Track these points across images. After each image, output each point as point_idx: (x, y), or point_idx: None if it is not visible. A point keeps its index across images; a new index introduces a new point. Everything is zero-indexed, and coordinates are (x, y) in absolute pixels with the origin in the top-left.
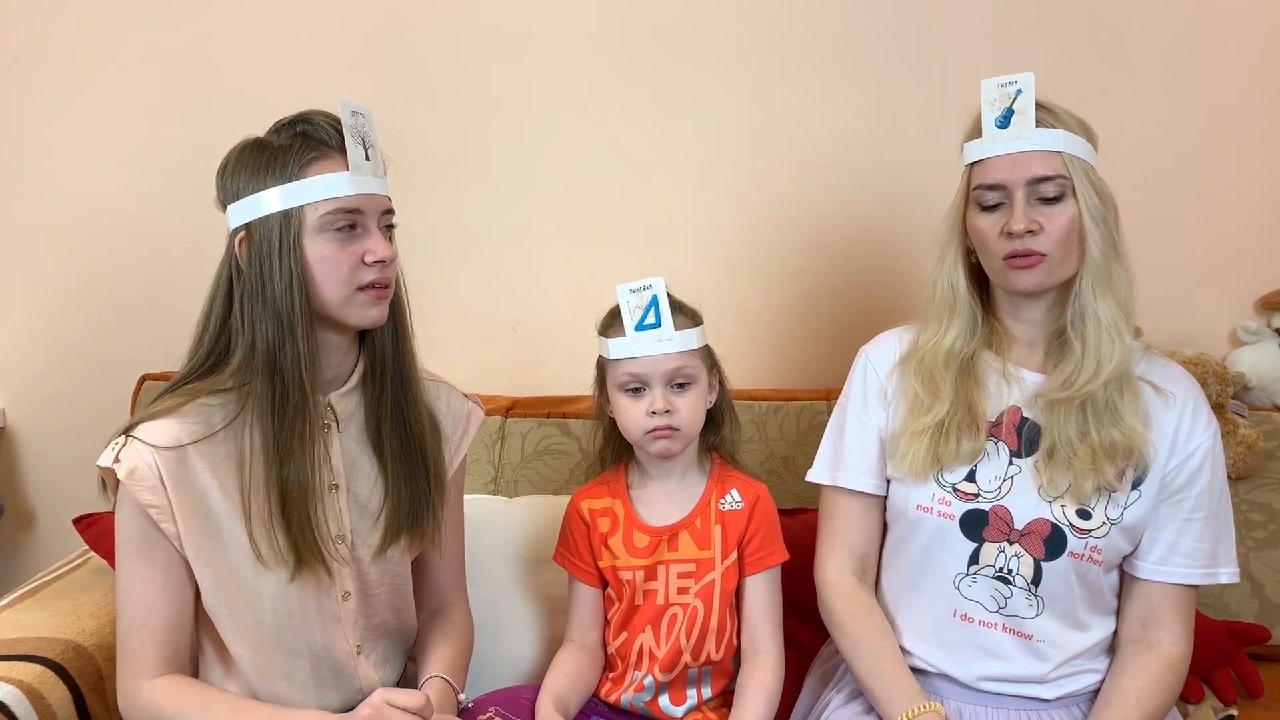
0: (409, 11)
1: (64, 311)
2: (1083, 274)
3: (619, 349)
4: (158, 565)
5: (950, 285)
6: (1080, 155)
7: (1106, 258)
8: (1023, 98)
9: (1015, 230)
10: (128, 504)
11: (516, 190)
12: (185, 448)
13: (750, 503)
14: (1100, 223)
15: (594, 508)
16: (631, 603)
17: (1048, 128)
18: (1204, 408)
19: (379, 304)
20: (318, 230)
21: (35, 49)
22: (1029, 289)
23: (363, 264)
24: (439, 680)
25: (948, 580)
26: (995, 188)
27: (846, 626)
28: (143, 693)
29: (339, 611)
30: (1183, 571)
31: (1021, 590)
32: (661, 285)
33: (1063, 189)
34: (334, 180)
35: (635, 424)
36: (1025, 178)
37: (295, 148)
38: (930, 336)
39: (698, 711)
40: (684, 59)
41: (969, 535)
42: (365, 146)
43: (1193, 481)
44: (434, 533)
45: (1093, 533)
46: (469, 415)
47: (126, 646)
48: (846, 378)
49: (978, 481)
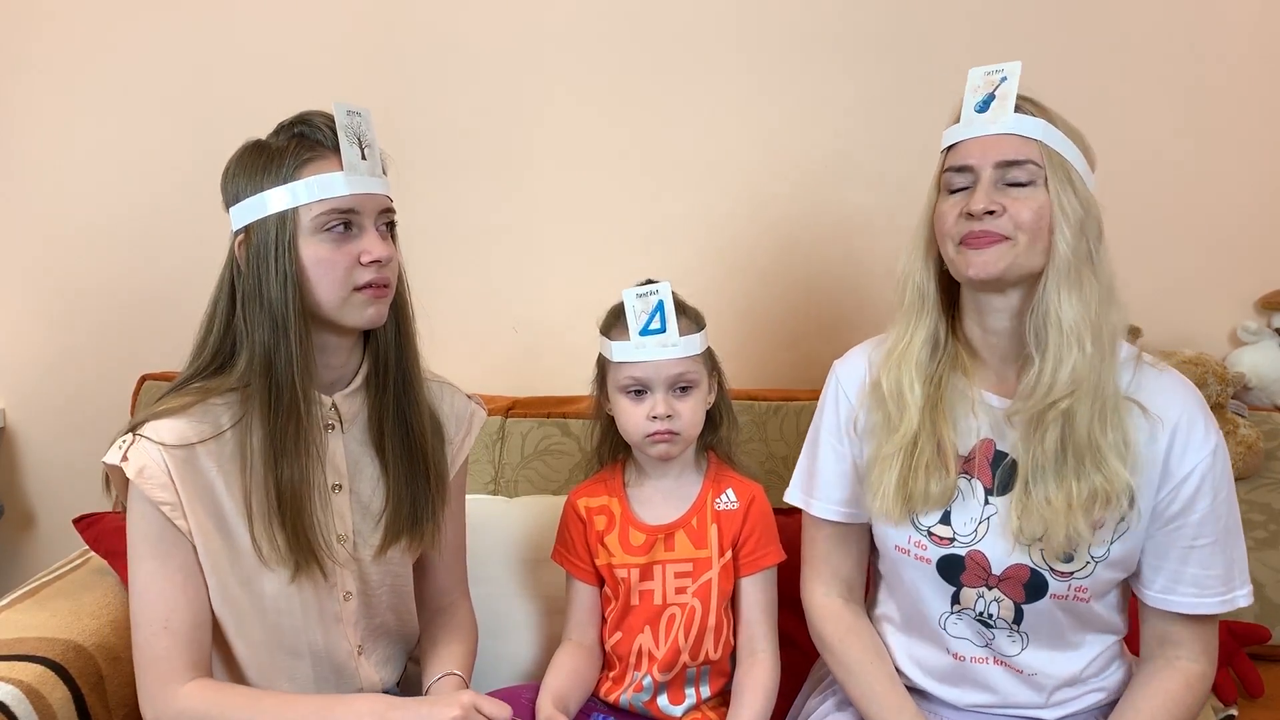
0: (410, 12)
1: (64, 311)
2: (1048, 271)
3: (622, 352)
4: (175, 564)
5: (918, 285)
6: (1062, 152)
7: (1077, 258)
8: (1006, 84)
9: (974, 210)
10: (140, 503)
11: (516, 190)
12: (193, 446)
13: (745, 503)
14: (1072, 222)
15: (590, 505)
16: (627, 602)
17: (1028, 115)
18: (1199, 424)
19: (377, 303)
20: (313, 231)
21: (36, 50)
22: (983, 273)
23: (359, 264)
24: (454, 678)
25: (934, 619)
26: (963, 170)
27: (836, 650)
28: (178, 700)
29: (340, 612)
30: (1193, 601)
31: (1004, 630)
32: (668, 290)
33: (1034, 177)
34: (328, 180)
35: (635, 427)
36: (995, 159)
37: (291, 149)
38: (896, 340)
39: (696, 711)
40: (684, 59)
41: (947, 579)
42: (362, 146)
43: (1190, 507)
44: (433, 534)
45: (1075, 574)
46: (472, 416)
47: (150, 653)
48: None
49: (953, 525)
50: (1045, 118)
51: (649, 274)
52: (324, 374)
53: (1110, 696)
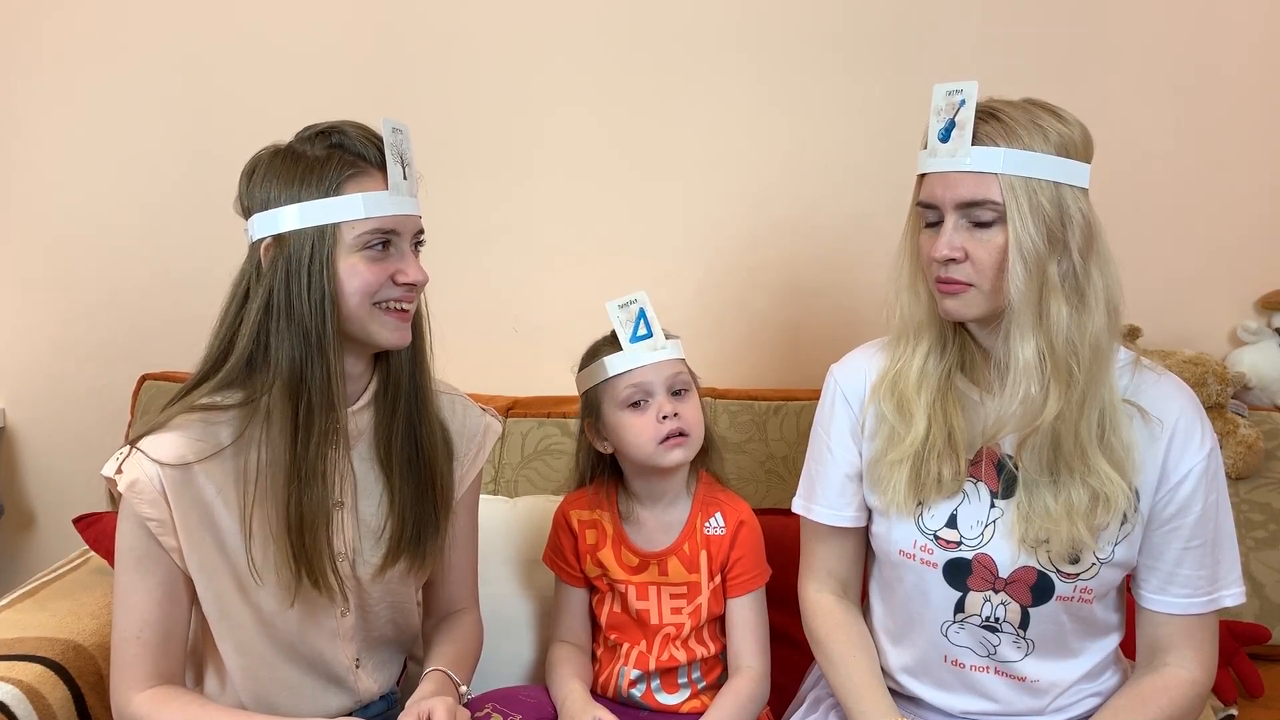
0: (410, 12)
1: (64, 311)
2: (1007, 312)
3: (618, 364)
4: (155, 580)
5: (908, 318)
6: (1029, 174)
7: (1031, 298)
8: (964, 110)
9: (936, 258)
10: (128, 517)
11: (517, 190)
12: (190, 466)
13: (733, 528)
14: (1030, 258)
15: (582, 519)
16: (625, 610)
17: (988, 144)
18: (1197, 428)
19: (402, 327)
20: (352, 249)
21: (37, 51)
22: (952, 317)
23: (391, 283)
24: (439, 673)
25: (935, 627)
26: (931, 206)
27: (824, 643)
28: (132, 704)
29: (337, 627)
30: (1182, 602)
31: (1009, 635)
32: (646, 297)
33: (995, 215)
34: (374, 199)
35: (647, 436)
36: (954, 200)
37: (333, 161)
38: (898, 359)
39: (695, 699)
40: (685, 59)
41: (953, 584)
42: (404, 165)
43: (1185, 509)
44: (435, 556)
45: (1081, 575)
46: (485, 431)
47: (120, 657)
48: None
49: (959, 528)
50: (1008, 139)
51: (649, 274)
52: None
53: (1105, 701)
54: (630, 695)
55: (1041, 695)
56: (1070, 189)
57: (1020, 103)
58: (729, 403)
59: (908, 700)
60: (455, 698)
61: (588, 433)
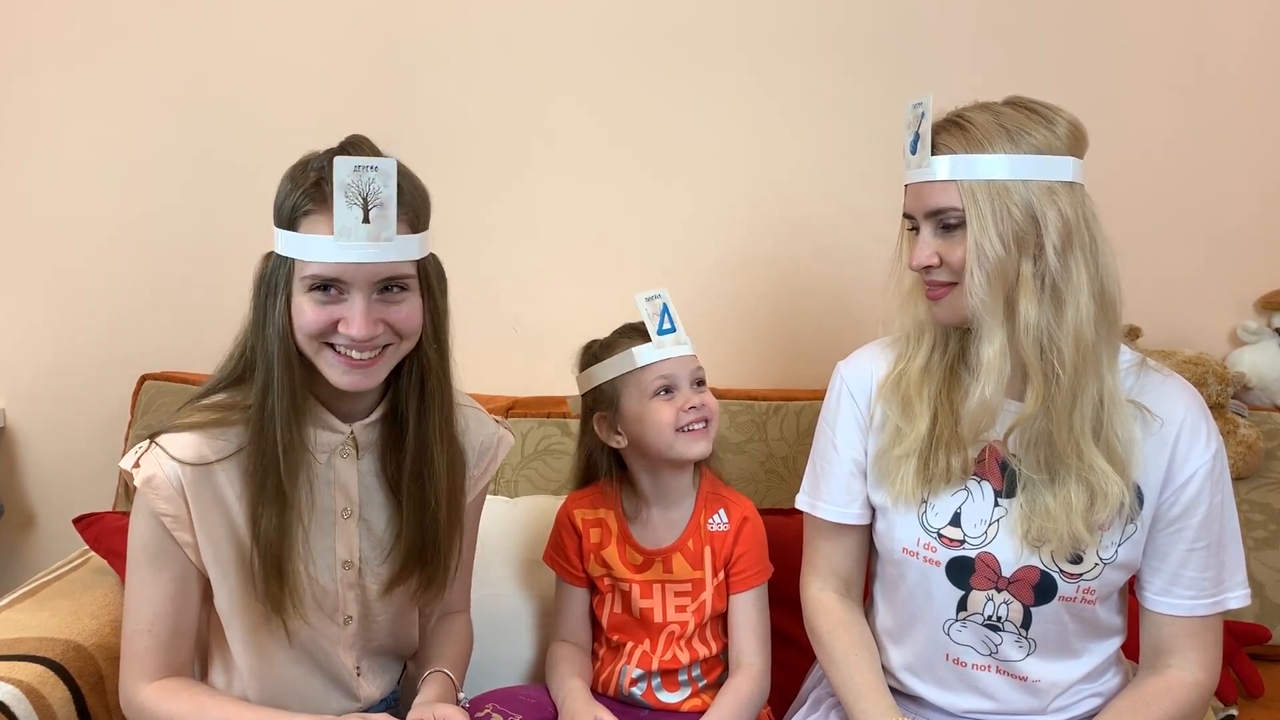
0: (410, 12)
1: (64, 311)
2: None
3: (648, 354)
4: (168, 575)
5: (906, 329)
6: (990, 177)
7: (992, 300)
8: (924, 123)
9: (914, 267)
10: (143, 511)
11: (516, 190)
12: (210, 465)
13: (736, 524)
14: (989, 263)
15: (586, 518)
16: (628, 610)
17: (946, 153)
18: (1202, 428)
19: (351, 372)
20: (301, 288)
21: (36, 51)
22: (942, 322)
23: (336, 329)
24: (441, 674)
25: (937, 625)
26: (909, 216)
27: (825, 641)
28: (140, 695)
29: (339, 635)
30: (1187, 604)
31: (1011, 634)
32: (668, 294)
33: (960, 219)
34: (317, 244)
35: (671, 423)
36: (923, 209)
37: (298, 193)
38: (901, 359)
39: (695, 698)
40: (685, 59)
41: (955, 583)
42: (367, 207)
43: (1191, 510)
44: (444, 577)
45: (1084, 575)
46: (498, 443)
47: (130, 649)
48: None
49: (963, 526)
50: (965, 144)
51: (649, 273)
52: (340, 404)
53: (1107, 702)
54: (631, 694)
55: (1042, 695)
56: (1045, 187)
57: (998, 105)
58: (729, 403)
59: (909, 699)
60: (456, 700)
61: (598, 427)
